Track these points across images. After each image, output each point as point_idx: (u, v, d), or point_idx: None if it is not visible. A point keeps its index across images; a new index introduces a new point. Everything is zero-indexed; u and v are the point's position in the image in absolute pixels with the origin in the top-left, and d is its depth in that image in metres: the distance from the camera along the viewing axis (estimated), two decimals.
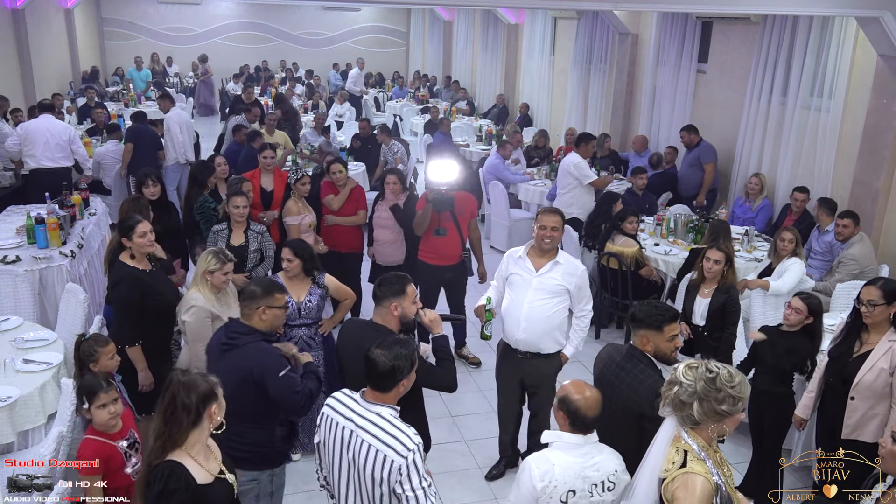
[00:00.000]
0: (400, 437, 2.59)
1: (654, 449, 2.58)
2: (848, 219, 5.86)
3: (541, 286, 4.07)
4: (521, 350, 4.20)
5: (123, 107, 13.16)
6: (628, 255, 6.15)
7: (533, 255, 4.14)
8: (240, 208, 5.07)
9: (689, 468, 2.44)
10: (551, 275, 4.07)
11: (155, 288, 4.16)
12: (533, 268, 4.10)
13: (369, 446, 2.61)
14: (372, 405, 2.69)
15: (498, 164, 9.09)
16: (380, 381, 2.69)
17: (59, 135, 7.53)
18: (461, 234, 5.72)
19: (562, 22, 12.51)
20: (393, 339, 2.79)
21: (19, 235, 5.86)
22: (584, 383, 2.82)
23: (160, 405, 2.51)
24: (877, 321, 3.69)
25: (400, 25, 21.04)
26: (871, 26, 5.94)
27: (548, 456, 2.73)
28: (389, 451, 2.57)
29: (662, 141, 9.44)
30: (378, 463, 2.59)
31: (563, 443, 2.75)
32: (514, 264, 4.19)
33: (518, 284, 4.14)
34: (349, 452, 2.67)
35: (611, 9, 8.18)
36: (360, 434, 2.65)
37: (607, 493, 2.71)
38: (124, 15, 18.83)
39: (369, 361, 2.69)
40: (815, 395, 3.95)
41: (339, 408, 2.76)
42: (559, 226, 4.09)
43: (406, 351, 2.73)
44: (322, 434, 2.80)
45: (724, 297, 4.59)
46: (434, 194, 5.48)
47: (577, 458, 2.71)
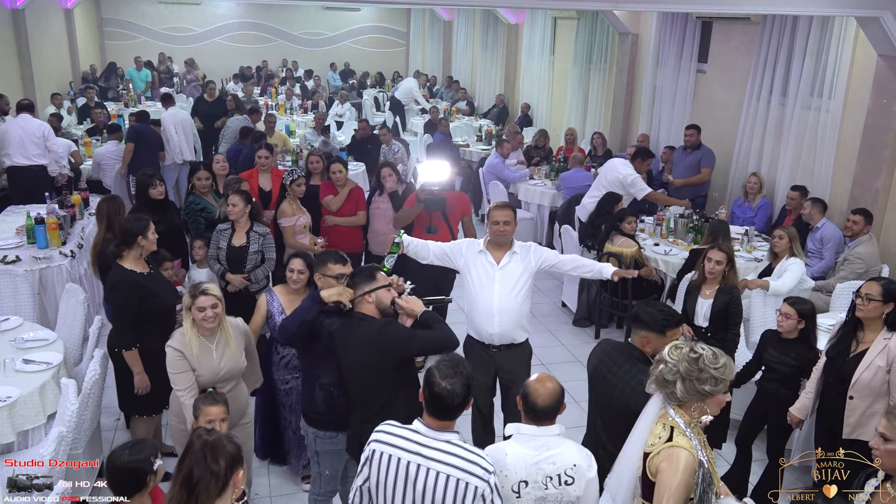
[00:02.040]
0: (478, 461, 2.51)
1: (640, 424, 2.66)
2: (859, 215, 5.88)
3: (504, 278, 4.13)
4: (496, 344, 4.21)
5: (123, 107, 13.16)
6: (627, 255, 6.15)
7: (491, 248, 4.20)
8: (233, 207, 5.07)
9: (674, 442, 2.53)
10: (511, 265, 4.15)
11: (152, 291, 4.12)
12: (494, 261, 4.16)
13: (448, 477, 2.50)
14: (440, 433, 2.58)
15: (498, 164, 9.09)
16: (455, 412, 2.59)
17: (33, 132, 7.55)
18: (452, 232, 5.76)
19: (562, 22, 12.51)
20: (447, 363, 2.62)
21: (19, 235, 5.86)
22: (548, 376, 2.79)
23: (178, 469, 2.23)
24: (869, 317, 3.69)
25: (400, 25, 21.04)
26: (871, 26, 5.94)
27: (502, 446, 2.74)
28: (471, 477, 2.48)
29: (662, 141, 9.44)
30: (459, 492, 2.48)
31: (519, 434, 2.74)
32: (474, 257, 4.21)
33: (482, 279, 4.17)
34: (417, 487, 2.54)
35: (611, 9, 8.17)
36: (432, 465, 2.52)
37: (565, 486, 2.68)
38: (124, 15, 18.81)
39: (441, 398, 2.56)
40: (813, 396, 3.94)
41: (397, 442, 2.60)
42: (511, 219, 4.17)
43: (466, 368, 2.63)
44: (376, 474, 2.61)
45: (728, 298, 4.56)
46: (426, 194, 5.49)
47: (531, 449, 2.69)
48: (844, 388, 3.73)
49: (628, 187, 7.12)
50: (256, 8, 19.36)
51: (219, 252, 5.12)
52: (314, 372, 3.56)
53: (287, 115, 13.24)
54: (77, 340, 4.76)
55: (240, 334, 3.81)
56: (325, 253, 3.82)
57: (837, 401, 3.78)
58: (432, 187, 5.50)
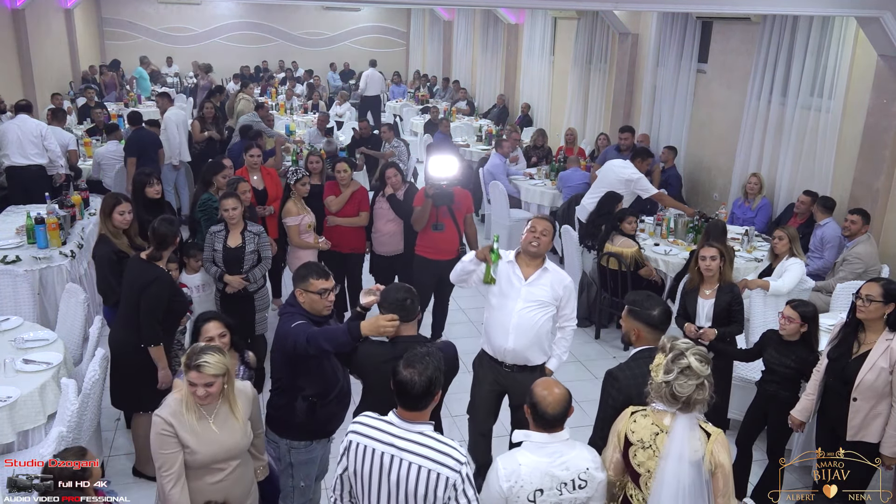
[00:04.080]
0: (449, 452, 2.53)
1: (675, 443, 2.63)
2: (857, 215, 5.88)
3: (530, 295, 3.89)
4: (508, 362, 3.99)
5: (123, 107, 13.16)
6: (627, 255, 6.16)
7: (522, 261, 3.97)
8: (229, 211, 5.03)
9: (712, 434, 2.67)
10: (541, 283, 3.91)
11: (177, 289, 4.39)
12: (522, 275, 3.93)
13: (419, 468, 2.53)
14: (413, 424, 2.60)
15: (499, 164, 9.09)
16: (418, 402, 2.60)
17: (30, 132, 7.58)
18: (459, 229, 5.74)
19: (562, 22, 12.51)
20: (416, 354, 2.65)
21: (19, 235, 5.86)
22: (554, 382, 2.80)
23: None
24: (870, 317, 3.68)
25: (400, 25, 21.04)
26: (871, 26, 5.94)
27: (515, 456, 2.72)
28: (442, 468, 2.51)
29: (662, 141, 9.44)
30: (431, 482, 2.51)
31: (530, 442, 2.73)
32: (502, 267, 3.98)
33: (506, 292, 3.94)
34: (391, 478, 2.57)
35: (611, 9, 8.17)
36: (406, 457, 2.56)
37: (579, 490, 2.69)
38: (124, 15, 18.83)
39: (402, 384, 2.58)
40: (814, 398, 3.93)
41: (372, 434, 2.63)
42: (549, 233, 3.93)
43: (435, 361, 2.63)
44: (353, 464, 2.66)
45: (729, 297, 4.51)
46: (434, 189, 5.48)
47: (544, 457, 2.68)
48: (847, 390, 3.72)
49: (634, 187, 7.07)
50: (256, 8, 19.37)
51: (214, 254, 5.11)
52: (297, 384, 3.42)
53: (287, 115, 13.24)
54: (77, 340, 4.76)
55: (246, 401, 3.11)
56: (305, 267, 3.50)
57: (840, 403, 3.76)
58: (440, 182, 5.50)
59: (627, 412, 2.81)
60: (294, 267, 5.89)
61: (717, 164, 8.74)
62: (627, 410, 2.82)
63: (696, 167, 9.16)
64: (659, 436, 2.68)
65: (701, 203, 8.74)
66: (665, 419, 2.68)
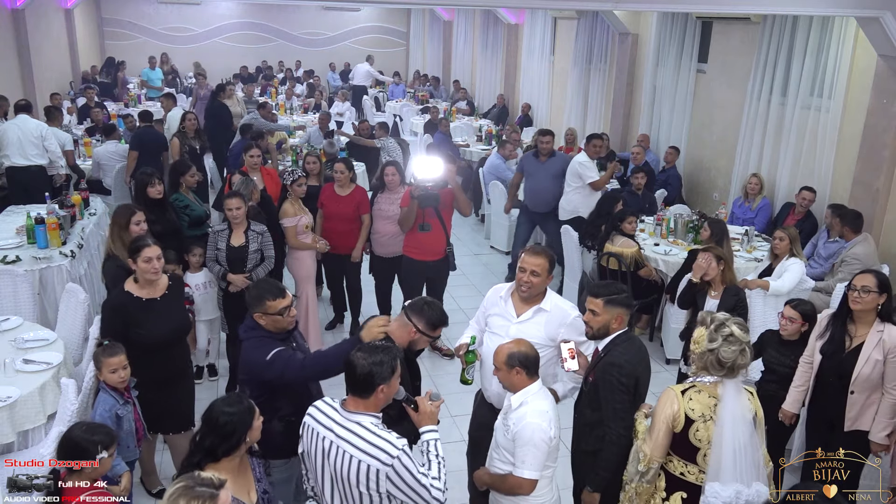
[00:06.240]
0: (382, 445, 2.54)
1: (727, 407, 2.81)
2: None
3: (519, 334, 3.33)
4: (496, 406, 3.47)
5: (123, 107, 13.16)
6: (627, 255, 6.15)
7: (516, 297, 3.53)
8: (233, 210, 5.04)
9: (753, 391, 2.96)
10: (533, 322, 3.45)
11: (140, 321, 3.83)
12: (514, 313, 3.50)
13: (351, 457, 2.57)
14: (352, 414, 2.64)
15: (499, 165, 9.09)
16: (357, 385, 2.63)
17: (31, 132, 7.58)
18: (445, 229, 5.75)
19: (562, 22, 12.51)
20: (376, 345, 2.72)
21: (19, 235, 5.86)
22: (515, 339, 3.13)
23: None
24: (866, 309, 3.68)
25: (400, 25, 21.04)
26: (871, 26, 5.94)
27: (539, 408, 2.96)
28: (373, 461, 2.53)
29: (662, 141, 9.45)
30: (363, 473, 2.55)
31: (534, 394, 3.00)
32: (494, 301, 3.61)
33: (495, 330, 3.53)
34: (330, 463, 2.64)
35: (611, 9, 8.17)
36: (341, 444, 2.60)
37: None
38: (124, 15, 18.81)
39: (348, 365, 2.65)
40: (803, 389, 3.94)
41: (319, 417, 2.71)
42: (542, 270, 3.40)
43: (387, 357, 2.64)
44: (305, 444, 2.77)
45: (734, 300, 4.46)
46: (419, 191, 5.47)
47: (547, 396, 3.07)
48: (843, 383, 3.74)
49: (580, 170, 7.17)
50: (256, 8, 19.36)
51: (217, 253, 5.12)
52: (275, 405, 3.26)
53: (287, 115, 13.24)
54: (77, 340, 4.75)
55: None
56: (257, 288, 3.32)
57: (837, 397, 3.78)
58: (425, 184, 5.48)
59: (672, 395, 2.94)
60: (293, 268, 5.90)
61: (716, 163, 8.75)
62: (670, 393, 2.95)
63: (696, 167, 9.16)
64: (718, 405, 2.85)
65: (701, 203, 8.75)
66: (718, 389, 2.86)
